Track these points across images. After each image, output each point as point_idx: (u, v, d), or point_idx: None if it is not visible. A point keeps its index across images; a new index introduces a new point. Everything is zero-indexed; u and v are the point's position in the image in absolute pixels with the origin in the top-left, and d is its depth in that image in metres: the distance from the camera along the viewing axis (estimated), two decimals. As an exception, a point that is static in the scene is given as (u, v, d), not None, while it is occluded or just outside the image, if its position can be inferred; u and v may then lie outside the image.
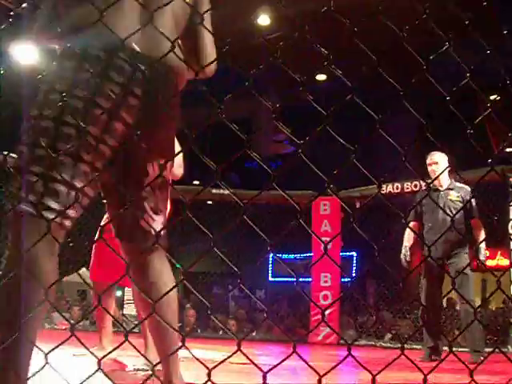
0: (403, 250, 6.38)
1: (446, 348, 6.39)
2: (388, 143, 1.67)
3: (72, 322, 2.10)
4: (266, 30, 9.92)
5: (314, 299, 9.66)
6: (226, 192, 9.03)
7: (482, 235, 6.21)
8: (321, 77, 12.19)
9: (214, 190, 9.91)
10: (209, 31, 2.38)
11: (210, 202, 11.17)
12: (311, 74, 11.32)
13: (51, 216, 1.91)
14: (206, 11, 2.32)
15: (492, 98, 10.82)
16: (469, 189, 6.29)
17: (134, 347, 1.59)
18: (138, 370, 3.90)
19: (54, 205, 1.94)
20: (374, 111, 1.63)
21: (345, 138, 1.60)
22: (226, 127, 1.67)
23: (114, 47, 2.04)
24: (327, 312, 9.51)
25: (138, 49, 2.10)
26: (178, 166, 3.98)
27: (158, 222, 2.30)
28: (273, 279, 15.94)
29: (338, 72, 1.58)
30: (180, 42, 2.28)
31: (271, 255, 15.66)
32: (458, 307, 10.31)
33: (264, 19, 9.94)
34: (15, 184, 1.96)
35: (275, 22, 9.87)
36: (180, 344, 1.55)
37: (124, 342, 1.52)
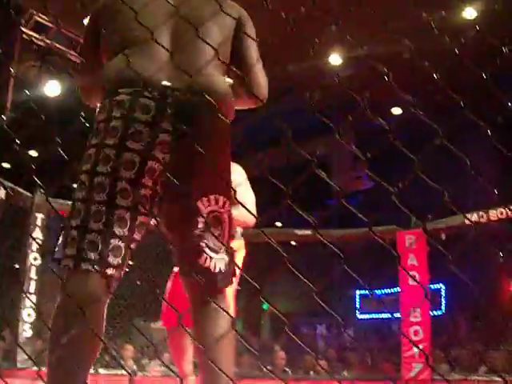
0: None
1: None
2: (469, 171, 1.66)
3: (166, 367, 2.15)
4: (338, 69, 9.99)
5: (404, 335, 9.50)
6: (310, 233, 9.06)
7: None
8: (396, 110, 12.15)
9: (297, 231, 9.94)
10: (256, 55, 2.34)
11: (293, 243, 11.20)
12: (386, 108, 11.33)
13: (112, 272, 1.98)
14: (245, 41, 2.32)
15: None
16: None
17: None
18: None
19: (113, 260, 1.98)
20: (450, 136, 1.63)
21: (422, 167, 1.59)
22: (301, 165, 1.67)
23: (140, 88, 2.04)
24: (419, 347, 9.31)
25: (168, 83, 2.05)
26: (249, 216, 3.66)
27: (218, 260, 2.17)
28: (361, 316, 15.71)
29: (421, 114, 1.61)
30: (220, 66, 2.22)
31: (358, 292, 15.52)
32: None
33: (335, 59, 10.02)
34: (71, 242, 1.99)
35: (347, 62, 9.94)
36: None
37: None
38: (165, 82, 2.05)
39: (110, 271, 1.98)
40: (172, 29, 2.19)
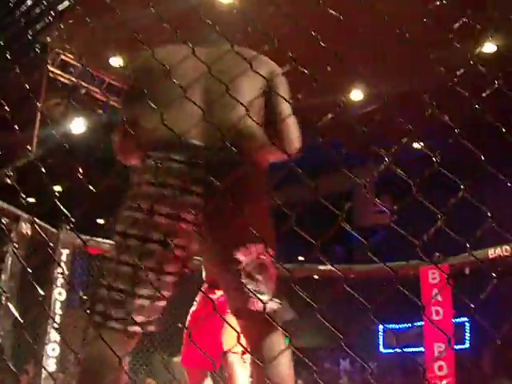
0: None
1: None
2: (492, 203, 1.68)
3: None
4: (359, 104, 10.03)
5: (428, 370, 9.36)
6: (333, 268, 9.04)
7: None
8: (417, 145, 12.17)
9: (320, 267, 9.92)
10: (288, 109, 2.35)
11: (316, 277, 11.15)
12: (407, 143, 11.37)
13: (134, 329, 2.06)
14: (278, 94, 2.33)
15: None
16: None
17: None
18: None
19: (138, 319, 2.05)
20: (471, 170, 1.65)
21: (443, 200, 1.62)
22: (325, 200, 1.70)
23: (168, 152, 2.09)
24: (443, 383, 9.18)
25: (198, 143, 2.08)
26: None
27: (268, 301, 2.20)
28: (384, 350, 15.53)
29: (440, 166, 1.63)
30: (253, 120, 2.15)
31: (381, 326, 15.37)
32: None
33: (357, 94, 10.06)
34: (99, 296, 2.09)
35: (368, 97, 9.99)
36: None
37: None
38: (196, 142, 2.08)
39: (132, 329, 2.06)
40: (204, 87, 2.22)
